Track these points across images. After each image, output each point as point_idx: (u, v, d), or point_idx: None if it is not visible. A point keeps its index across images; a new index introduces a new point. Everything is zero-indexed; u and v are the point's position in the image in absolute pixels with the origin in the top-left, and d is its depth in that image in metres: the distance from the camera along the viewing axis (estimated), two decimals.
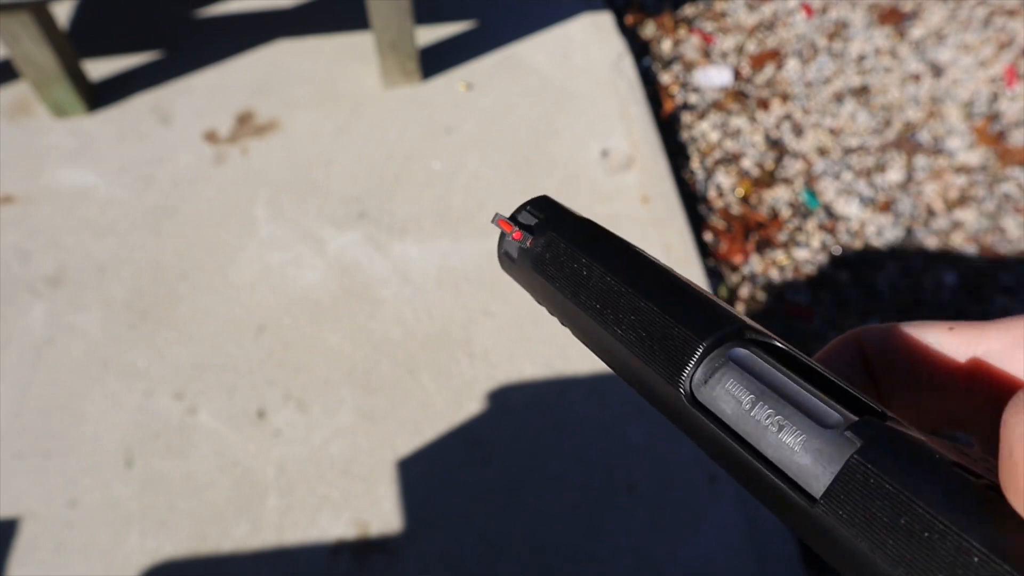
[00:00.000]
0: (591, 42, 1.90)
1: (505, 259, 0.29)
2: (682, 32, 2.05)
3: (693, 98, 1.92)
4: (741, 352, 0.22)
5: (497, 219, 0.29)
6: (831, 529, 0.18)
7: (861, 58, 1.98)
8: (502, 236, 0.29)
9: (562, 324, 0.28)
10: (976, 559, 0.15)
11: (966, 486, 0.16)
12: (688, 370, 0.22)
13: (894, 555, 0.16)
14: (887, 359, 0.25)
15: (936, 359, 0.25)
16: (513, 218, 0.29)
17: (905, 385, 0.25)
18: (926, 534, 0.16)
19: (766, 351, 0.22)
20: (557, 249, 0.27)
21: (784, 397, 0.20)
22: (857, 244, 1.65)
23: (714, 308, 0.23)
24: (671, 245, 1.53)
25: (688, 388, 0.22)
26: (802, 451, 0.19)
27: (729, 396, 0.21)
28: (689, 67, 1.98)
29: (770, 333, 0.23)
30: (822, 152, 1.80)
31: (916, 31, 2.02)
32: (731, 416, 0.21)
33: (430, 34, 1.89)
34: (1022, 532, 0.15)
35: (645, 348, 0.23)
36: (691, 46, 2.02)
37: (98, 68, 1.84)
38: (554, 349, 1.39)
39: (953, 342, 0.24)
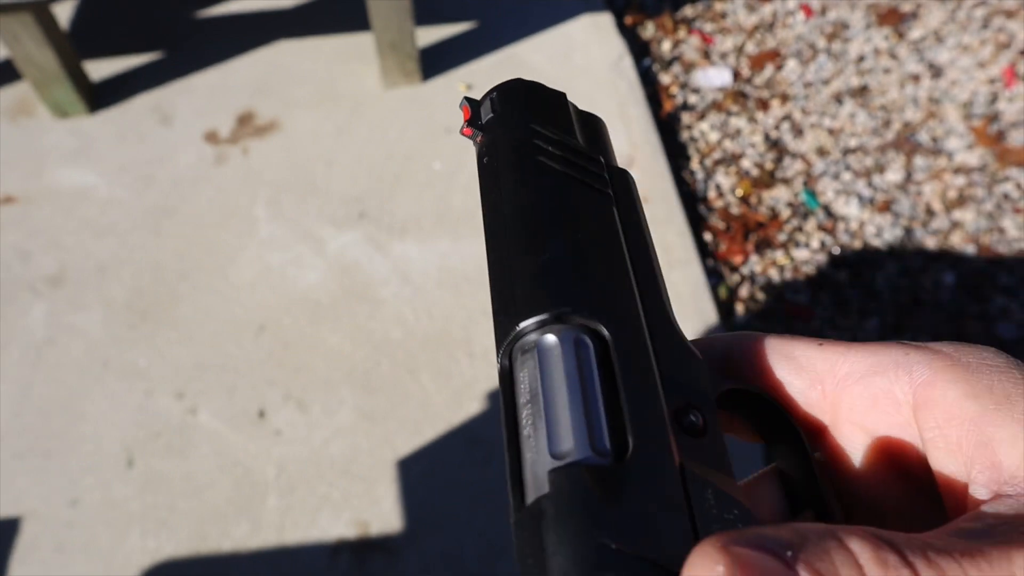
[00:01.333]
0: (591, 42, 1.90)
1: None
2: (682, 33, 2.06)
3: (693, 98, 1.92)
4: (550, 341, 0.22)
5: (462, 104, 0.25)
6: (514, 542, 0.20)
7: (860, 59, 1.98)
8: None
9: None
10: None
11: (587, 544, 0.18)
12: (504, 347, 0.22)
13: None
14: (743, 367, 0.25)
15: (791, 375, 0.24)
16: (476, 106, 0.25)
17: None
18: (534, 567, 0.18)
19: (592, 337, 0.22)
20: (492, 156, 0.24)
21: (546, 409, 0.21)
22: (856, 244, 1.66)
23: (566, 284, 0.22)
24: (671, 245, 1.53)
25: (507, 361, 0.23)
26: (528, 467, 0.21)
27: (521, 384, 0.22)
28: (689, 68, 1.98)
29: (599, 321, 0.22)
30: (821, 152, 1.81)
31: (915, 32, 2.03)
32: (518, 402, 0.22)
33: (430, 34, 1.90)
34: None
35: (498, 296, 0.23)
36: (691, 47, 2.02)
37: (98, 68, 1.84)
38: None
39: (819, 359, 0.24)
